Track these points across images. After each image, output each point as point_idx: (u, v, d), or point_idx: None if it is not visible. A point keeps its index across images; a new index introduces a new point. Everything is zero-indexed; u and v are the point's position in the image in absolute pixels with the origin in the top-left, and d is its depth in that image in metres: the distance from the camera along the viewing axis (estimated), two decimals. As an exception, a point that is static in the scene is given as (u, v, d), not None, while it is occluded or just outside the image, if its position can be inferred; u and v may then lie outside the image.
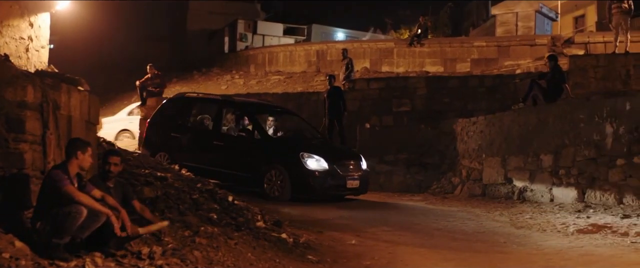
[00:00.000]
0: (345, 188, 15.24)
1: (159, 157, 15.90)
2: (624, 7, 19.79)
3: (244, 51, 40.67)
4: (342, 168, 15.16)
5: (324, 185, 14.88)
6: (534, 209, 14.28)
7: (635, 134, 13.64)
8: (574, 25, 41.27)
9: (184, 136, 16.41)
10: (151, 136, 17.17)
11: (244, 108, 16.84)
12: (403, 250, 10.02)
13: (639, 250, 9.97)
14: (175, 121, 16.87)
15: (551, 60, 17.44)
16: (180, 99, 18.08)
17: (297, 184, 14.66)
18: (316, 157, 14.88)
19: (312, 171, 14.74)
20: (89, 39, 42.58)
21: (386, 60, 31.28)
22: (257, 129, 15.79)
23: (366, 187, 15.79)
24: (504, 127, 16.60)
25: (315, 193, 14.84)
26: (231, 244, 8.44)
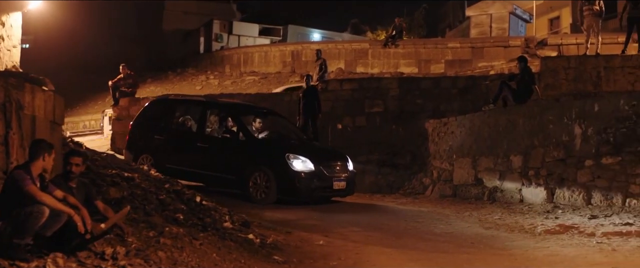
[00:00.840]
0: (331, 189, 15.00)
1: (142, 160, 15.80)
2: (595, 10, 19.89)
3: (219, 51, 40.65)
4: (329, 169, 14.94)
5: (310, 186, 14.61)
6: (504, 210, 14.33)
7: (604, 135, 13.73)
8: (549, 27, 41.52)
9: (167, 138, 16.27)
10: (134, 138, 16.90)
11: (228, 109, 16.56)
12: (370, 251, 10.03)
13: (604, 250, 10.03)
14: (159, 123, 16.67)
15: (521, 61, 17.53)
16: (164, 100, 17.91)
17: (283, 186, 14.45)
18: (302, 158, 14.67)
19: (298, 172, 14.51)
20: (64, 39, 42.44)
21: (361, 61, 31.37)
22: (241, 130, 15.53)
23: (353, 189, 15.62)
24: (474, 128, 16.65)
25: (301, 195, 14.59)
26: (196, 244, 8.39)
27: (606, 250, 9.99)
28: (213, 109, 16.56)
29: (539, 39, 28.82)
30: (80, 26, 42.28)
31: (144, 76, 36.86)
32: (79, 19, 40.76)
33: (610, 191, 13.47)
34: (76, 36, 44.03)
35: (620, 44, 20.82)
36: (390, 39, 31.09)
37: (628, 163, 13.35)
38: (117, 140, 24.53)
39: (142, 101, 24.80)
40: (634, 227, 11.45)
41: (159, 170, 15.07)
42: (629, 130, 13.49)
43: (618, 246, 10.23)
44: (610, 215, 12.70)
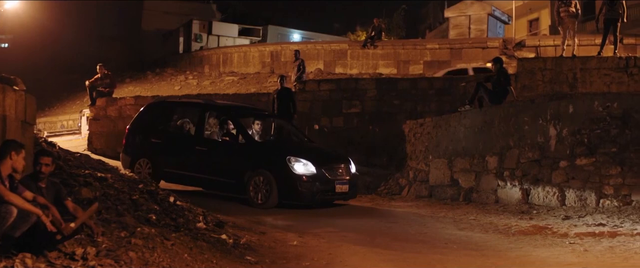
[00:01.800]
0: (334, 193, 14.65)
1: (140, 164, 15.65)
2: (571, 11, 20.03)
3: (198, 52, 40.60)
4: (331, 172, 14.61)
5: (312, 190, 14.26)
6: (479, 210, 14.37)
7: (578, 136, 13.82)
8: (528, 28, 41.80)
9: (165, 142, 16.01)
10: (131, 142, 16.62)
11: (227, 112, 16.22)
12: (344, 251, 10.04)
13: (576, 251, 10.09)
14: (156, 126, 16.43)
15: (496, 63, 17.58)
16: (161, 103, 17.79)
17: (284, 190, 14.13)
18: (303, 161, 14.34)
19: (299, 176, 14.16)
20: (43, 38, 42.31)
21: (340, 62, 31.40)
22: (241, 132, 15.24)
23: (356, 192, 15.43)
24: (450, 128, 16.68)
25: (303, 199, 14.27)
26: (168, 245, 8.36)
27: (578, 251, 10.05)
28: (212, 111, 16.14)
29: (518, 40, 28.94)
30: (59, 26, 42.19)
31: (122, 76, 36.77)
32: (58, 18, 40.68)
33: (584, 192, 13.57)
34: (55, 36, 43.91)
35: (597, 46, 20.98)
36: (369, 39, 31.15)
37: (602, 164, 13.45)
38: (94, 140, 24.48)
39: (120, 101, 24.78)
40: (607, 227, 11.54)
41: (157, 174, 15.29)
42: (603, 132, 13.58)
43: (590, 246, 10.29)
44: (583, 215, 12.80)
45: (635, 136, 13.31)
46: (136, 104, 24.35)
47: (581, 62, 19.89)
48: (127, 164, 16.02)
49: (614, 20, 19.75)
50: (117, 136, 24.05)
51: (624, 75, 19.30)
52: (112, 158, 21.14)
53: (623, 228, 11.43)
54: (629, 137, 13.35)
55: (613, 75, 19.36)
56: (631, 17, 26.00)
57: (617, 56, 19.82)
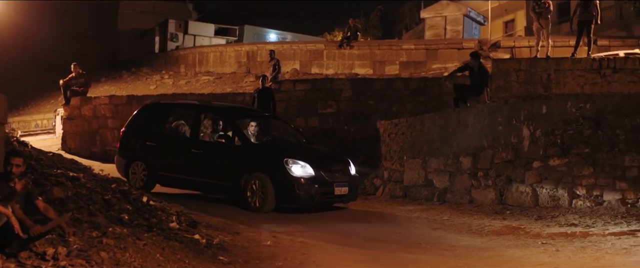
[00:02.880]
0: (332, 195, 14.22)
1: (135, 167, 15.38)
2: (544, 13, 20.15)
3: (174, 51, 40.48)
4: (330, 174, 14.16)
5: (310, 193, 13.79)
6: (453, 211, 14.41)
7: (551, 137, 13.90)
8: (504, 29, 42.05)
9: (159, 144, 15.63)
10: (126, 145, 16.25)
11: (223, 113, 15.87)
12: (317, 251, 10.04)
13: (548, 251, 10.14)
14: (151, 129, 16.10)
15: (474, 58, 17.66)
16: (155, 105, 17.29)
17: (282, 193, 13.66)
18: (301, 163, 13.86)
19: (297, 178, 13.67)
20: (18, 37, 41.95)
21: (316, 62, 31.41)
22: (237, 134, 14.73)
23: (356, 194, 15.09)
24: (425, 129, 16.72)
25: (301, 202, 13.87)
26: (140, 245, 8.31)
27: (550, 251, 10.10)
28: (207, 113, 15.74)
29: (493, 41, 29.07)
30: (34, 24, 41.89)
31: (97, 75, 36.59)
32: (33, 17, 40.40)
33: (557, 192, 13.65)
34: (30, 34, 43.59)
35: (571, 47, 21.11)
36: (345, 40, 31.18)
37: (574, 164, 13.55)
38: (68, 139, 24.37)
39: (94, 101, 24.68)
40: (579, 228, 11.62)
41: (152, 178, 15.11)
42: (575, 133, 13.67)
43: (562, 247, 10.34)
44: (556, 216, 12.88)
45: (607, 137, 13.41)
46: (111, 104, 24.30)
47: (555, 63, 20.00)
48: (122, 167, 15.77)
49: (588, 22, 19.91)
50: (91, 135, 24.00)
51: (597, 76, 19.41)
52: (86, 157, 21.12)
53: (595, 229, 11.52)
54: (602, 138, 13.45)
55: (587, 77, 19.47)
56: (605, 19, 26.24)
57: (590, 57, 19.96)
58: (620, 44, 25.10)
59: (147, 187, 14.81)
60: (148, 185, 15.00)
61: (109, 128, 24.03)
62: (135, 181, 15.06)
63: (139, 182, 15.07)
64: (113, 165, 16.31)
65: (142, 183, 15.01)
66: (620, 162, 13.24)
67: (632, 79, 19.12)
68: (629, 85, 19.04)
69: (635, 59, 19.81)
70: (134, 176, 15.31)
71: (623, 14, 33.22)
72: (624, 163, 13.21)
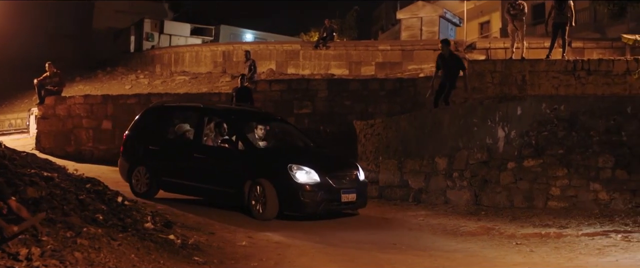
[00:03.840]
0: (339, 202, 13.53)
1: (137, 172, 15.00)
2: (519, 15, 20.30)
3: (150, 51, 40.29)
4: (336, 180, 13.50)
5: (315, 200, 13.13)
6: (428, 211, 14.46)
7: (526, 138, 13.97)
8: (479, 30, 42.24)
9: (162, 149, 15.15)
10: (129, 149, 15.81)
11: (227, 116, 15.13)
12: (292, 252, 10.05)
13: (523, 251, 10.21)
14: (153, 132, 15.56)
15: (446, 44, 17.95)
16: (158, 108, 16.66)
17: (286, 200, 13.07)
18: (306, 169, 13.23)
19: (301, 185, 13.06)
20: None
21: (292, 62, 31.38)
22: (240, 138, 14.10)
23: (365, 200, 14.29)
24: (400, 129, 16.76)
25: (306, 209, 13.18)
26: (114, 245, 8.28)
27: (524, 252, 10.17)
28: (211, 115, 15.11)
29: (469, 42, 29.15)
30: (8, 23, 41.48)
31: (72, 75, 36.33)
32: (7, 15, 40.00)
33: (532, 193, 13.74)
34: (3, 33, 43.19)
35: (546, 49, 21.27)
36: (321, 40, 31.16)
37: (549, 166, 13.64)
38: (42, 139, 24.22)
39: (69, 100, 24.54)
40: (553, 228, 11.69)
41: (155, 183, 14.78)
42: (550, 134, 13.76)
43: (536, 247, 10.41)
44: (531, 216, 12.95)
45: (581, 138, 13.51)
46: (85, 103, 24.18)
47: (530, 64, 20.14)
48: (125, 172, 15.44)
49: (562, 24, 20.06)
50: (66, 135, 23.87)
51: (571, 78, 19.57)
52: (61, 157, 20.99)
53: (569, 229, 11.60)
54: (576, 139, 13.55)
55: (561, 78, 19.62)
56: (579, 21, 26.43)
57: (565, 59, 20.10)
58: (594, 46, 25.26)
59: (150, 192, 14.66)
60: (151, 190, 14.76)
61: (83, 128, 23.91)
62: (139, 186, 14.83)
63: (143, 187, 14.80)
64: (88, 165, 16.23)
65: (146, 188, 14.78)
66: (594, 163, 13.35)
67: (605, 80, 19.29)
68: (602, 87, 19.20)
69: (609, 60, 19.96)
70: (137, 181, 14.95)
71: (597, 16, 33.47)
72: (598, 164, 13.32)
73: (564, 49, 20.51)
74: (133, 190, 14.71)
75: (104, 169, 19.91)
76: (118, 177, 15.75)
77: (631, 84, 19.00)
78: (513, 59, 20.66)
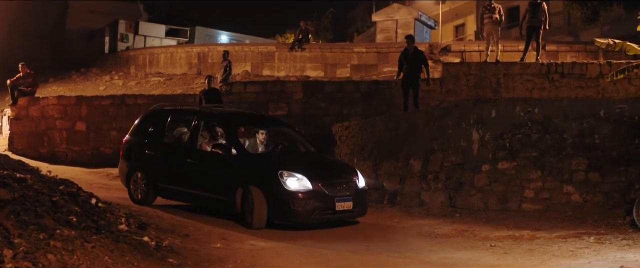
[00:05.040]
0: (334, 211, 12.70)
1: (135, 178, 14.60)
2: (494, 18, 20.43)
3: (124, 52, 40.13)
4: (330, 187, 12.73)
5: (307, 208, 12.43)
6: (403, 213, 14.48)
7: (500, 141, 14.05)
8: (454, 33, 42.46)
9: (158, 154, 14.63)
10: (127, 154, 15.35)
11: (222, 119, 14.56)
12: (267, 254, 10.07)
13: (496, 253, 10.26)
14: (151, 136, 15.03)
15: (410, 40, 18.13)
16: (157, 111, 15.94)
17: (276, 208, 12.42)
18: (298, 176, 12.56)
19: (292, 192, 12.39)
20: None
21: (267, 64, 31.35)
22: (233, 143, 13.52)
23: (364, 209, 13.45)
24: (375, 132, 16.79)
25: (296, 218, 12.54)
26: (88, 247, 8.22)
27: (498, 253, 10.23)
28: (206, 119, 14.48)
29: (444, 45, 29.25)
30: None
31: (45, 75, 36.13)
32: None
33: (506, 195, 13.81)
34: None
35: (520, 52, 21.41)
36: (297, 42, 31.15)
37: (523, 168, 13.72)
38: (15, 140, 24.02)
39: (42, 101, 24.38)
40: (527, 230, 11.76)
41: (152, 189, 14.31)
42: (524, 136, 13.85)
43: (510, 249, 10.47)
44: (505, 219, 13.03)
45: (555, 141, 13.61)
46: (59, 104, 24.02)
47: (504, 67, 20.28)
48: (124, 177, 15.11)
49: (536, 28, 20.21)
50: (39, 136, 23.70)
51: (545, 81, 19.73)
52: (34, 159, 20.84)
53: (542, 231, 11.68)
54: (549, 142, 13.64)
55: (535, 81, 19.78)
56: (553, 25, 26.62)
57: (539, 62, 20.23)
58: (568, 50, 25.44)
59: (147, 199, 14.24)
60: (148, 197, 14.29)
61: (57, 129, 23.74)
62: (136, 192, 14.48)
63: (140, 193, 14.43)
64: (61, 166, 16.08)
65: (143, 195, 14.36)
66: (567, 166, 13.45)
67: (579, 84, 19.46)
68: (576, 90, 19.36)
69: (583, 64, 20.12)
70: (135, 187, 14.57)
71: (571, 20, 33.71)
72: (571, 167, 13.42)
73: (538, 52, 20.66)
74: (131, 197, 14.39)
75: (78, 171, 19.84)
76: (92, 178, 15.68)
77: (604, 87, 19.19)
78: (488, 61, 20.78)
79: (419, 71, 17.98)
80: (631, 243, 10.57)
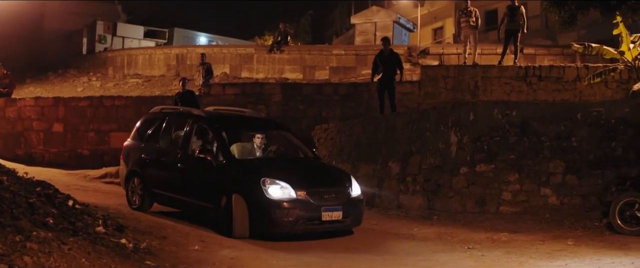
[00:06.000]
0: (320, 221, 11.86)
1: (133, 182, 14.24)
2: (471, 22, 20.49)
3: (102, 53, 39.97)
4: (317, 196, 11.90)
5: (290, 218, 11.64)
6: (381, 216, 14.51)
7: (478, 144, 14.10)
8: (433, 36, 42.60)
9: (153, 158, 14.17)
10: (126, 158, 14.91)
11: (211, 122, 13.64)
12: (245, 256, 10.02)
13: (474, 255, 10.29)
14: (148, 140, 14.59)
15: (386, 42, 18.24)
16: (155, 113, 15.42)
17: (257, 217, 11.70)
18: (281, 184, 11.78)
19: (275, 201, 11.64)
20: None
21: (246, 66, 31.31)
22: (221, 149, 12.81)
23: (357, 219, 12.55)
24: (354, 134, 16.81)
25: (279, 228, 11.71)
26: (65, 249, 8.17)
27: (476, 256, 10.26)
28: (198, 122, 13.75)
29: (422, 48, 29.34)
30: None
31: (23, 76, 35.90)
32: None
33: (484, 198, 13.87)
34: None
35: (498, 55, 21.49)
36: (275, 44, 31.13)
37: (501, 171, 13.77)
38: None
39: (19, 102, 24.22)
40: (504, 233, 11.80)
41: (148, 194, 13.94)
42: (502, 139, 13.90)
43: (488, 252, 10.51)
44: (483, 221, 13.08)
45: (532, 144, 13.67)
46: (36, 105, 23.88)
47: (482, 70, 20.37)
48: (123, 182, 14.82)
49: (514, 31, 20.29)
50: (16, 138, 23.55)
51: (523, 84, 19.83)
52: (10, 160, 20.69)
53: (520, 234, 11.73)
54: (527, 145, 13.70)
55: (513, 84, 19.87)
56: (531, 28, 26.76)
57: (517, 65, 20.33)
58: (545, 53, 25.58)
59: (144, 205, 13.86)
60: (144, 203, 13.91)
61: (34, 130, 23.59)
62: (133, 199, 14.17)
63: (137, 199, 14.07)
64: (38, 168, 15.96)
65: (140, 201, 13.99)
66: (544, 169, 13.51)
67: (556, 87, 19.57)
68: (553, 93, 19.47)
69: (560, 67, 20.24)
70: (132, 193, 14.24)
71: (549, 23, 33.94)
72: (549, 169, 13.48)
73: (516, 55, 20.76)
74: (128, 203, 14.13)
75: (55, 172, 19.72)
76: (69, 180, 15.57)
77: (581, 90, 19.31)
78: (466, 64, 20.86)
79: (394, 73, 18.04)
80: (608, 246, 10.64)
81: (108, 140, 23.27)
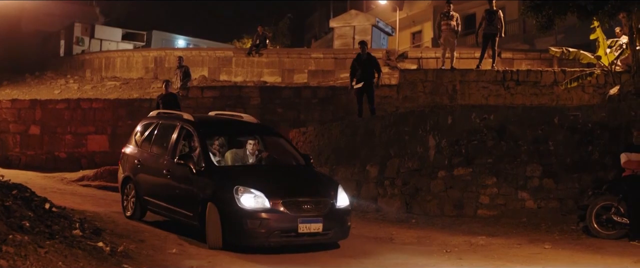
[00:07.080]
0: (296, 234, 11.00)
1: (127, 189, 13.89)
2: (452, 26, 20.54)
3: (80, 55, 39.69)
4: (294, 206, 11.08)
5: (262, 229, 10.88)
6: (360, 219, 14.42)
7: (456, 147, 14.16)
8: (411, 40, 42.64)
9: (143, 164, 13.69)
10: (123, 164, 14.53)
11: (196, 127, 12.94)
12: (222, 259, 10.05)
13: (452, 259, 10.32)
14: (141, 145, 14.16)
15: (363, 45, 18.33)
16: (150, 118, 14.95)
17: (230, 227, 11.04)
18: (255, 193, 11.09)
19: (247, 211, 10.93)
20: None
21: (225, 69, 31.22)
22: (203, 155, 12.21)
23: (342, 231, 11.65)
24: (332, 137, 16.82)
25: (251, 240, 10.96)
26: (41, 253, 8.12)
27: (454, 259, 10.28)
28: (186, 127, 13.12)
29: (401, 51, 29.38)
30: None
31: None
32: None
33: (462, 201, 13.95)
34: None
35: (476, 59, 21.55)
36: (254, 47, 31.06)
37: (478, 174, 13.85)
38: (-33, 144, 23.69)
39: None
40: (482, 236, 11.86)
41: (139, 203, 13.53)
42: (479, 143, 13.98)
43: (465, 255, 10.55)
44: (461, 224, 13.13)
45: (510, 147, 13.75)
46: (13, 108, 23.75)
47: (461, 74, 20.44)
48: (119, 186, 14.51)
49: (492, 35, 20.38)
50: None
51: (501, 88, 19.91)
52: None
53: (497, 237, 11.80)
54: (505, 148, 13.78)
55: (491, 88, 19.94)
56: (509, 33, 26.88)
57: (495, 70, 20.41)
58: (523, 57, 25.68)
59: (136, 214, 13.44)
60: (136, 212, 13.48)
61: (10, 133, 23.46)
62: (127, 205, 13.77)
63: (129, 207, 13.69)
64: (15, 171, 15.85)
65: (132, 210, 13.57)
66: (522, 172, 13.59)
67: (534, 91, 19.67)
68: (531, 97, 19.57)
69: (538, 71, 20.34)
70: (126, 199, 13.91)
71: (526, 28, 34.09)
72: (526, 173, 13.57)
73: (493, 59, 20.83)
74: (123, 210, 13.83)
75: (31, 175, 19.58)
76: (46, 183, 15.48)
77: (558, 94, 19.42)
78: (444, 68, 20.92)
79: (372, 77, 18.05)
80: (584, 250, 10.72)
81: (85, 143, 23.20)
